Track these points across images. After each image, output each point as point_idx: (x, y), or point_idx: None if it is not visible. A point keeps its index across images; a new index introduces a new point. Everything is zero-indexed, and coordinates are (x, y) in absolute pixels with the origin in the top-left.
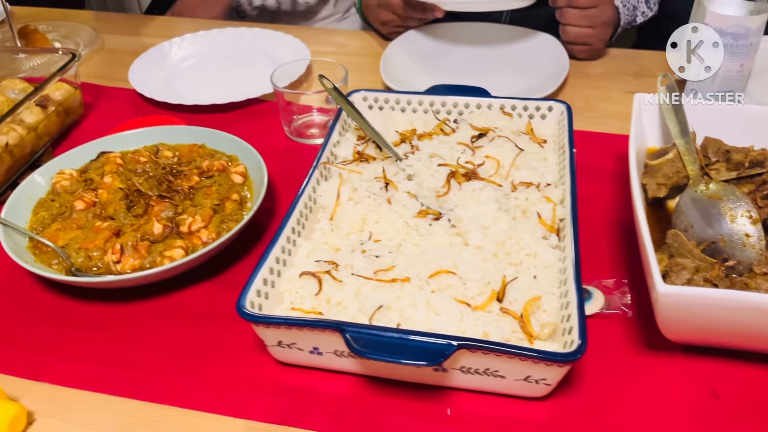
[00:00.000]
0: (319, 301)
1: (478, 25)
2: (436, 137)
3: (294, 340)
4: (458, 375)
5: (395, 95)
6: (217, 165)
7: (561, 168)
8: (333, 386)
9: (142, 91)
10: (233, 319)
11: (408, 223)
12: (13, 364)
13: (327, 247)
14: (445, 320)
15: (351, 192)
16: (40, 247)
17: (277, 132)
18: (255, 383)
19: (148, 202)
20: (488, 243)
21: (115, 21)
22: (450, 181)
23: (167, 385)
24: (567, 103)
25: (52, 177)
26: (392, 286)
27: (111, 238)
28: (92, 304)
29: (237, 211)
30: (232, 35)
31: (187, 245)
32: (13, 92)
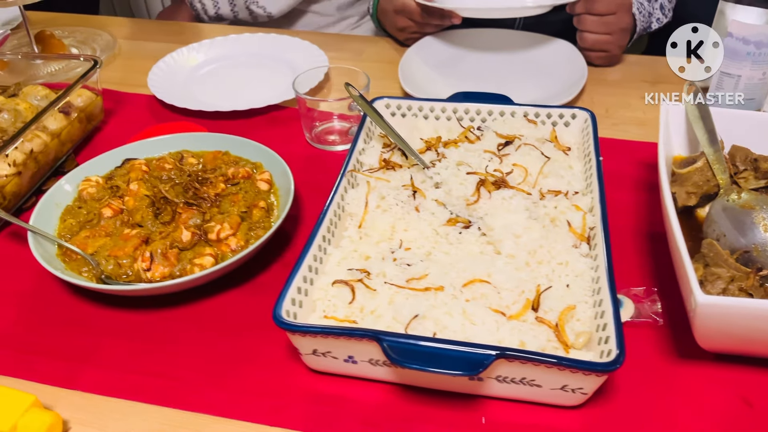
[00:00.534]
0: (353, 309)
1: (494, 32)
2: (462, 145)
3: (329, 348)
4: (493, 384)
5: (418, 102)
6: (242, 172)
7: (588, 176)
8: (366, 394)
9: (162, 97)
10: (263, 327)
11: (437, 231)
12: (46, 372)
13: (357, 255)
14: (482, 329)
15: (379, 200)
16: (69, 255)
17: (298, 138)
18: (287, 391)
19: (175, 209)
20: (520, 252)
21: (129, 26)
22: (479, 189)
23: (200, 393)
24: (591, 111)
25: (78, 184)
26: (426, 294)
27: (140, 246)
28: (122, 312)
29: (264, 219)
30: (249, 41)
31: (216, 253)
32: (36, 98)
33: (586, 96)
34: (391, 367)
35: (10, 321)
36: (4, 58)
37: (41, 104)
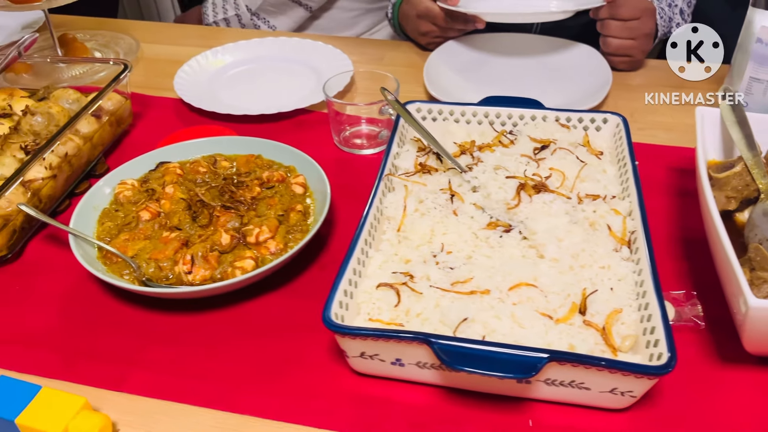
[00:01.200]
0: (398, 312)
1: (516, 36)
2: (497, 149)
3: (378, 351)
4: (541, 386)
5: (449, 106)
6: (276, 176)
7: (623, 180)
8: (411, 397)
9: (190, 101)
10: (304, 330)
11: (477, 234)
12: (92, 374)
13: (397, 258)
14: (531, 333)
15: (417, 203)
16: (110, 258)
17: (326, 142)
18: (333, 393)
19: (212, 212)
20: (564, 255)
21: (150, 30)
22: (520, 193)
23: (247, 395)
24: (622, 116)
25: (114, 187)
26: (471, 298)
27: (180, 249)
28: (163, 314)
29: (301, 222)
30: (272, 44)
31: (256, 256)
32: (67, 102)
33: (611, 101)
34: (439, 370)
35: (52, 324)
36: (29, 61)
37: (72, 107)
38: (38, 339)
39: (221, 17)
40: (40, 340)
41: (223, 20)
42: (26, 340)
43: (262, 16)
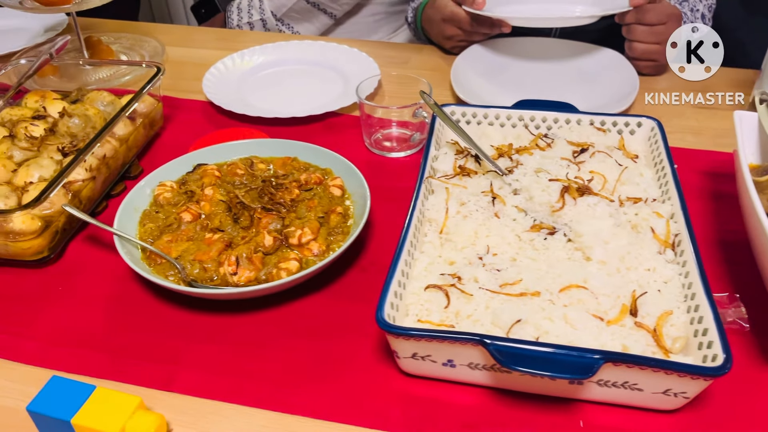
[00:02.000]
0: (448, 314)
1: (540, 40)
2: (535, 152)
3: (430, 352)
4: (593, 387)
5: (483, 109)
6: (314, 178)
7: (662, 183)
8: (462, 398)
9: (220, 104)
10: (348, 331)
11: (520, 237)
12: (141, 374)
13: (441, 260)
14: (584, 334)
15: (458, 206)
16: (154, 259)
17: (357, 144)
18: (382, 394)
19: (252, 214)
20: (611, 258)
21: (173, 33)
22: (564, 196)
23: (297, 396)
24: (657, 119)
25: (153, 189)
26: (521, 300)
27: (224, 250)
28: (207, 315)
29: (342, 224)
30: (297, 48)
31: (300, 257)
32: (102, 104)
33: (638, 104)
34: (490, 371)
35: (98, 324)
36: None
37: (107, 110)
38: (85, 339)
39: (246, 21)
40: (87, 341)
41: (247, 24)
42: (73, 341)
43: (286, 22)
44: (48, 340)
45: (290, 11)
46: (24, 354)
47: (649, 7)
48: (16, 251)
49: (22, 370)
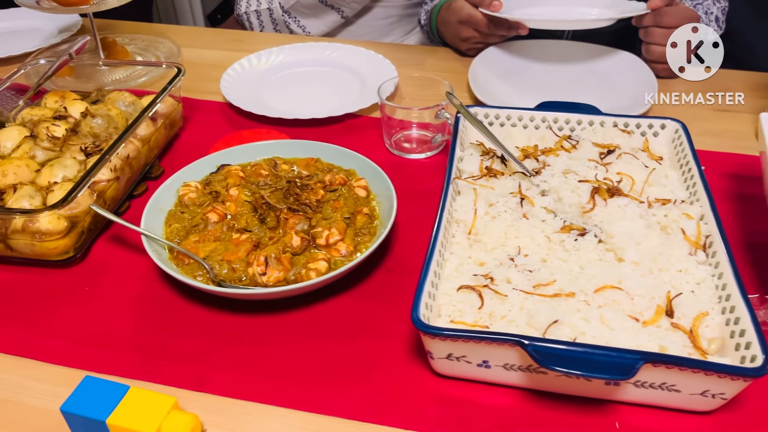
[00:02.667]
0: (482, 315)
1: (556, 43)
2: (561, 153)
3: (465, 353)
4: (630, 389)
5: (506, 111)
6: (338, 179)
7: (689, 185)
8: (495, 399)
9: (239, 105)
10: (378, 332)
11: (550, 238)
12: (174, 374)
13: (471, 261)
14: (621, 335)
15: (487, 207)
16: (181, 259)
17: (377, 146)
18: (416, 395)
19: (278, 214)
20: (644, 259)
21: (186, 34)
22: (594, 197)
23: (328, 396)
24: (681, 122)
25: (177, 189)
26: (556, 300)
27: (252, 251)
28: (236, 315)
29: (368, 225)
30: (314, 49)
31: (328, 258)
32: (123, 104)
33: (657, 107)
34: (526, 372)
35: (126, 324)
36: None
37: (128, 110)
38: (114, 339)
39: (254, 9)
40: (116, 341)
41: (254, 12)
42: (102, 341)
43: (293, 15)
44: (76, 340)
45: (298, 4)
46: (52, 354)
47: (667, 10)
48: (43, 251)
49: (51, 370)
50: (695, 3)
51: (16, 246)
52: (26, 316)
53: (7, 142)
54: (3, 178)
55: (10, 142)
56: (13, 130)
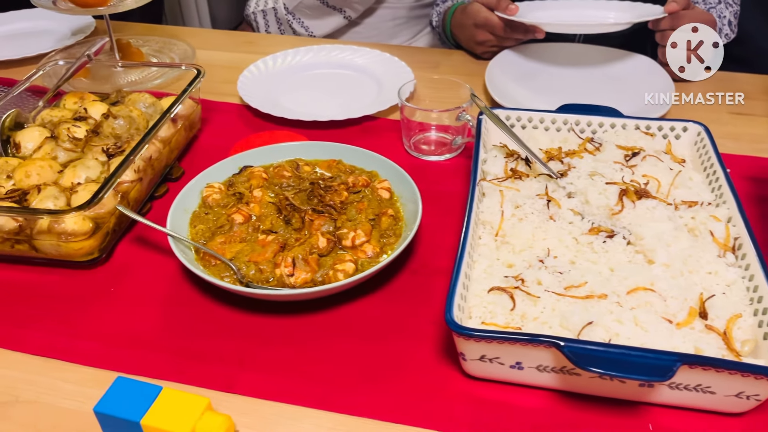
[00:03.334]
0: (513, 316)
1: (570, 46)
2: (585, 155)
3: (499, 354)
4: (664, 390)
5: (527, 113)
6: (361, 180)
7: (714, 188)
8: (527, 400)
9: (257, 107)
10: (406, 333)
11: (578, 239)
12: (204, 375)
13: (499, 263)
14: (655, 337)
15: (513, 209)
16: (208, 260)
17: (395, 147)
18: (447, 396)
19: (303, 216)
20: (674, 261)
21: (199, 36)
22: (623, 199)
23: (361, 397)
24: (703, 124)
25: (201, 190)
26: (588, 302)
27: (279, 252)
28: (263, 316)
29: (393, 226)
30: (330, 52)
31: (355, 259)
32: (144, 105)
33: (674, 110)
34: (559, 373)
35: (155, 326)
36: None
37: (148, 111)
38: (142, 340)
39: (261, 8)
40: (145, 342)
41: (261, 12)
42: (130, 342)
43: (297, 15)
44: (104, 341)
45: (301, 5)
46: (81, 355)
47: (684, 14)
48: (68, 252)
49: (80, 371)
50: (708, 7)
51: (41, 247)
52: (53, 317)
53: (28, 143)
54: (26, 178)
55: (32, 143)
56: (34, 131)
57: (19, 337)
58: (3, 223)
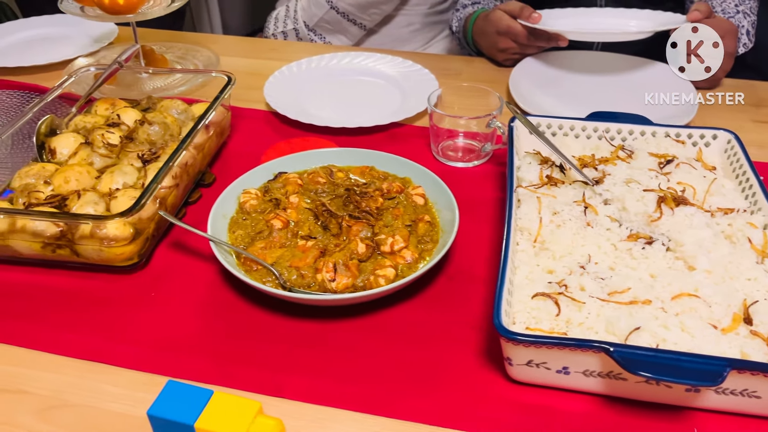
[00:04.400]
0: (558, 322)
1: (591, 54)
2: (619, 163)
3: (546, 359)
4: (709, 395)
5: (557, 120)
6: (395, 187)
7: (748, 195)
8: (572, 405)
9: (285, 113)
10: (446, 338)
11: (616, 246)
12: (250, 379)
13: (539, 269)
14: (702, 342)
15: (551, 215)
16: (249, 265)
17: (423, 154)
18: (493, 401)
19: (340, 222)
20: (716, 267)
21: (220, 43)
22: (661, 206)
23: (406, 402)
24: (734, 132)
25: (238, 196)
26: (632, 308)
27: (319, 257)
28: (304, 321)
29: (430, 232)
30: (354, 59)
31: (394, 264)
32: (176, 112)
33: (698, 117)
34: (605, 378)
35: (198, 330)
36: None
37: (180, 118)
38: (185, 344)
39: (281, 30)
40: (188, 346)
41: (281, 33)
42: (174, 346)
43: (318, 32)
44: (148, 345)
45: (321, 21)
46: (126, 359)
47: (707, 22)
48: (110, 256)
49: (125, 375)
50: (727, 16)
51: (83, 252)
52: (96, 321)
53: (63, 149)
54: (65, 184)
55: (66, 149)
56: (69, 137)
57: (63, 341)
58: (45, 228)
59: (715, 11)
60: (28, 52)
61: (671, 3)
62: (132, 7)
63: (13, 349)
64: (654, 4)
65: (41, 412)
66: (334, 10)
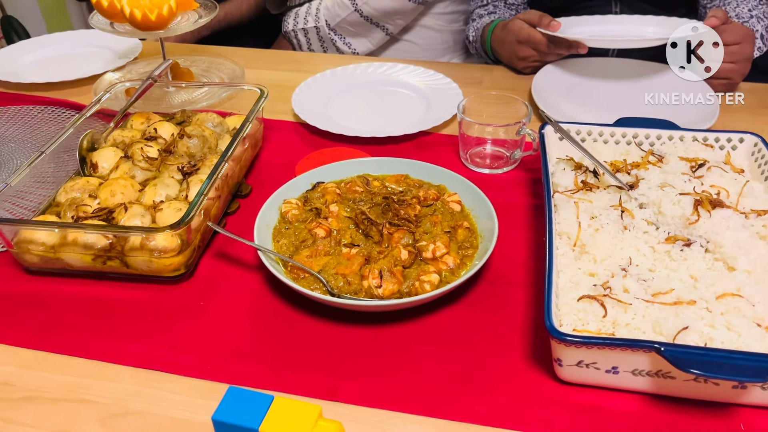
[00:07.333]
0: (605, 323)
1: (611, 60)
2: (651, 167)
3: (597, 359)
4: (756, 391)
5: (586, 127)
6: (431, 194)
7: None
8: (622, 404)
9: (315, 124)
10: (492, 341)
11: (655, 248)
12: (305, 384)
13: (581, 272)
14: (749, 340)
15: (589, 219)
16: (296, 273)
17: (452, 161)
18: (544, 401)
19: (380, 229)
20: (755, 267)
21: (242, 55)
22: (698, 209)
23: (460, 404)
24: (760, 135)
25: (279, 206)
26: (677, 308)
27: (364, 264)
28: (353, 327)
29: (470, 238)
30: (376, 69)
31: (438, 270)
32: (212, 124)
33: (718, 122)
34: (654, 377)
35: (250, 338)
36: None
37: (216, 130)
38: (239, 352)
39: (300, 27)
40: (241, 353)
41: (302, 30)
42: (228, 353)
43: (339, 33)
44: (203, 353)
45: (343, 22)
46: (183, 367)
47: (724, 28)
48: (159, 267)
49: (184, 382)
50: (741, 21)
51: (133, 263)
52: (151, 331)
53: (104, 163)
54: (111, 197)
55: (107, 163)
56: (109, 152)
57: (121, 351)
58: (95, 240)
59: (729, 16)
60: (55, 68)
61: (684, 9)
62: (163, 23)
63: (71, 360)
64: (667, 11)
65: (104, 420)
66: (358, 13)
